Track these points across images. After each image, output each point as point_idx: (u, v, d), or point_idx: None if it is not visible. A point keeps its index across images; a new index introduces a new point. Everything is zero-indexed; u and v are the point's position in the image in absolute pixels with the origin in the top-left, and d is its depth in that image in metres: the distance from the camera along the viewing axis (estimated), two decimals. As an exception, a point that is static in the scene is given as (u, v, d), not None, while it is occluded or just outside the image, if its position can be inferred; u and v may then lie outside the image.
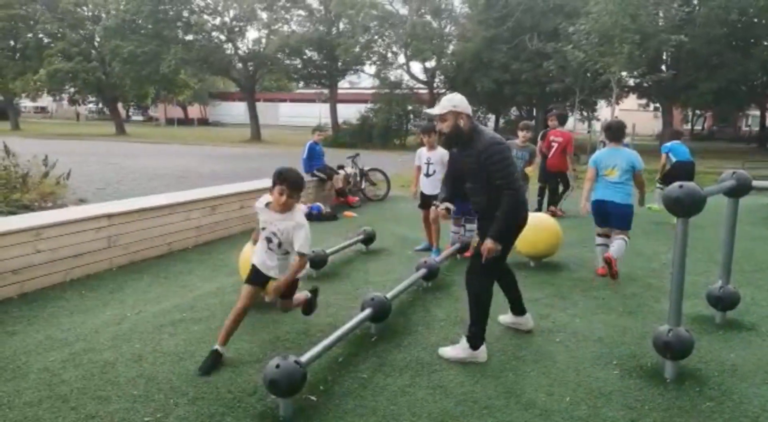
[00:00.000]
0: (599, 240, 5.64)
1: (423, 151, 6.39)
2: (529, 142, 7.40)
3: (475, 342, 3.54)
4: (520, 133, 7.40)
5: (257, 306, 4.49)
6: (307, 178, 9.37)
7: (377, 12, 28.69)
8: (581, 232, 7.64)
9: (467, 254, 5.96)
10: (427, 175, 6.34)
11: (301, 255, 3.38)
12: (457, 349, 3.59)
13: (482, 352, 3.57)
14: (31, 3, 34.88)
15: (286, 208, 3.39)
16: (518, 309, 4.05)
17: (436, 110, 3.53)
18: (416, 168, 6.51)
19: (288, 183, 3.34)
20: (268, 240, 3.49)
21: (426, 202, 6.32)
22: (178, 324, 4.13)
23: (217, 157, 21.31)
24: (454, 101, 3.48)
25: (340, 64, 32.37)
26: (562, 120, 9.25)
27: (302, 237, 3.36)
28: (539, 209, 8.64)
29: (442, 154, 6.13)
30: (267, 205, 3.48)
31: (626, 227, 5.47)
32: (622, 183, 5.39)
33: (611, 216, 5.47)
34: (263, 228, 3.51)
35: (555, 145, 8.80)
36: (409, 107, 30.70)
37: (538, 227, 5.74)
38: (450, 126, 3.47)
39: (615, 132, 5.58)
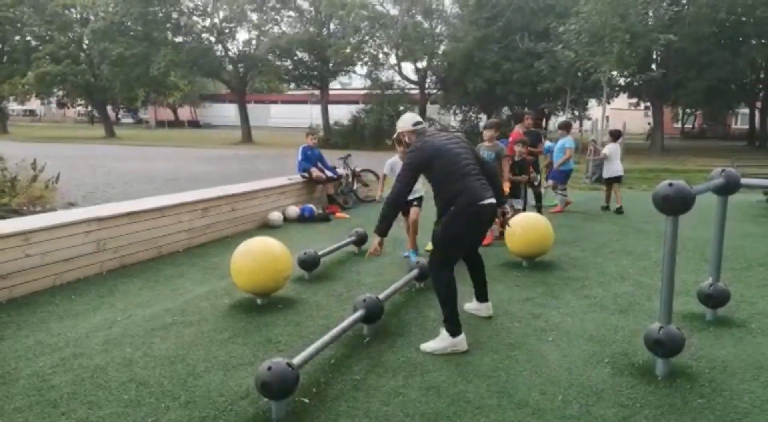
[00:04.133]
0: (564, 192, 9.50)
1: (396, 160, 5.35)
2: (498, 141, 6.73)
3: (450, 326, 3.66)
4: (485, 133, 6.71)
5: (248, 309, 4.49)
6: (297, 178, 9.36)
7: (368, 12, 28.63)
8: (573, 232, 7.68)
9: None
10: None
11: None
12: (437, 341, 3.70)
13: (462, 340, 3.68)
14: (19, 5, 34.55)
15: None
16: (482, 296, 4.32)
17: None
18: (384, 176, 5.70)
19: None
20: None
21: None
22: (169, 328, 4.10)
23: (208, 159, 21.22)
24: (398, 124, 4.26)
25: (331, 65, 32.31)
26: (517, 119, 8.80)
27: None
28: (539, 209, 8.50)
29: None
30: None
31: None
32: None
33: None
34: None
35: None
36: (401, 108, 30.64)
37: (530, 227, 5.78)
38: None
39: (566, 127, 9.58)
